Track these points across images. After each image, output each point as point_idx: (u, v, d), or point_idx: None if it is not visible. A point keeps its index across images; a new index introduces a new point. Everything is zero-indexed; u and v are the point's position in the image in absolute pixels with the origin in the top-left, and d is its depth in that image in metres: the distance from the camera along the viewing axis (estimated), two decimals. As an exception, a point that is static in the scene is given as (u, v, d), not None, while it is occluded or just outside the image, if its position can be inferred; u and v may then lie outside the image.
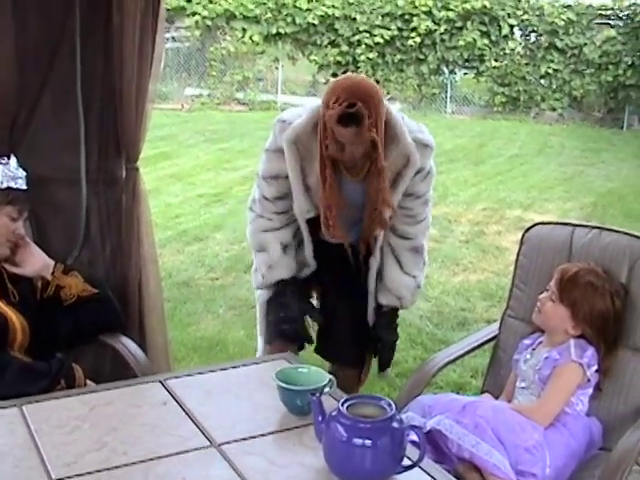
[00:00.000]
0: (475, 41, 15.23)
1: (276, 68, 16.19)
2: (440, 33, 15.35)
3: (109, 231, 3.23)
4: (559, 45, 15.11)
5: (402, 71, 15.66)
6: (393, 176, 2.71)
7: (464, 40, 15.24)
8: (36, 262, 2.69)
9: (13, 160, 2.62)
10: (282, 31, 15.71)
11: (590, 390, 2.53)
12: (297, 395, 2.13)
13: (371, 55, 15.59)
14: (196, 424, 2.12)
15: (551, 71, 15.18)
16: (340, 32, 15.65)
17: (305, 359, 2.77)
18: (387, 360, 3.01)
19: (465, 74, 16.13)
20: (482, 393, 2.83)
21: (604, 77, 14.88)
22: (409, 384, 2.72)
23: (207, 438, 2.05)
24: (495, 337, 2.93)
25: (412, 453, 1.91)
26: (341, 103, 2.50)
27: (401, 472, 1.87)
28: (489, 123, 14.68)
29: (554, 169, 10.41)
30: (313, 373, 2.22)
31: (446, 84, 15.74)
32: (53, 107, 3.05)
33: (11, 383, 2.36)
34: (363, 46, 15.59)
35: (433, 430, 2.36)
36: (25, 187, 2.61)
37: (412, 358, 4.33)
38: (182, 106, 15.07)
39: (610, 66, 14.86)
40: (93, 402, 2.23)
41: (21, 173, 2.62)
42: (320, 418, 1.89)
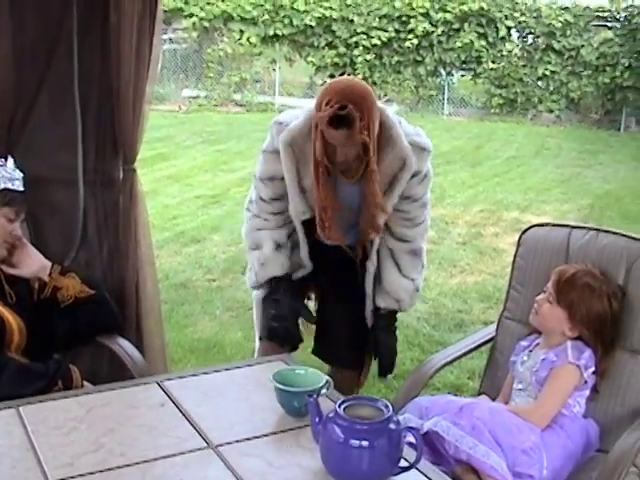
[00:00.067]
0: (472, 43, 15.26)
1: (273, 70, 16.22)
2: (437, 35, 15.39)
3: (106, 232, 3.23)
4: (556, 47, 15.14)
5: (399, 73, 15.68)
6: (389, 179, 2.70)
7: (461, 42, 15.27)
8: (33, 263, 2.69)
9: (10, 161, 2.63)
10: (279, 33, 15.73)
11: (587, 392, 2.53)
12: (294, 396, 2.13)
13: (368, 57, 15.61)
14: (193, 425, 2.12)
15: (548, 73, 15.21)
16: (337, 34, 15.68)
17: (303, 361, 2.77)
18: (388, 365, 2.97)
19: (462, 76, 16.16)
20: (479, 395, 2.83)
21: (601, 79, 14.91)
22: (406, 386, 2.71)
23: (204, 439, 2.05)
24: (492, 339, 2.92)
25: (409, 455, 1.90)
26: (332, 105, 2.49)
27: (398, 473, 1.87)
28: (486, 125, 14.70)
29: (551, 171, 10.42)
30: (310, 375, 2.22)
31: (443, 86, 15.77)
32: (50, 106, 3.05)
33: (8, 384, 2.36)
34: (360, 48, 15.61)
35: (430, 432, 2.36)
36: (22, 188, 2.62)
37: (409, 360, 4.32)
38: (179, 107, 15.09)
39: (607, 68, 14.89)
40: (90, 403, 2.23)
41: (18, 174, 2.62)
42: (317, 419, 1.89)
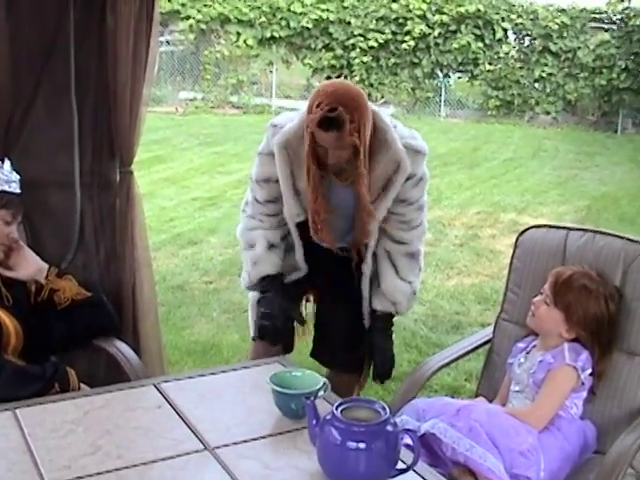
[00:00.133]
0: (469, 45, 15.29)
1: (270, 72, 16.23)
2: (434, 37, 15.41)
3: (103, 235, 3.23)
4: (553, 49, 15.18)
5: (396, 75, 15.70)
6: (383, 182, 2.69)
7: (458, 44, 15.29)
8: (30, 266, 2.68)
9: (7, 164, 2.62)
10: (276, 35, 15.75)
11: (584, 394, 2.53)
12: (291, 399, 2.13)
13: (365, 59, 15.63)
14: (190, 428, 2.12)
15: (545, 75, 15.24)
16: (334, 36, 15.69)
17: (300, 363, 2.77)
18: (384, 370, 2.93)
19: (459, 78, 16.19)
20: (476, 397, 2.82)
21: (598, 81, 14.94)
22: (403, 388, 2.71)
23: (201, 442, 2.05)
24: (489, 341, 2.92)
25: (406, 457, 1.90)
26: (323, 107, 2.48)
27: (395, 476, 1.86)
28: (483, 127, 14.72)
29: (548, 173, 10.43)
30: (307, 377, 2.22)
31: (440, 88, 15.79)
32: (47, 108, 3.04)
33: (5, 386, 2.36)
34: (357, 50, 15.64)
35: (427, 434, 2.35)
36: (19, 191, 2.61)
37: (406, 362, 4.32)
38: (176, 109, 15.09)
39: (604, 70, 14.92)
40: (87, 406, 2.23)
41: (15, 177, 2.61)
42: (314, 422, 1.89)
